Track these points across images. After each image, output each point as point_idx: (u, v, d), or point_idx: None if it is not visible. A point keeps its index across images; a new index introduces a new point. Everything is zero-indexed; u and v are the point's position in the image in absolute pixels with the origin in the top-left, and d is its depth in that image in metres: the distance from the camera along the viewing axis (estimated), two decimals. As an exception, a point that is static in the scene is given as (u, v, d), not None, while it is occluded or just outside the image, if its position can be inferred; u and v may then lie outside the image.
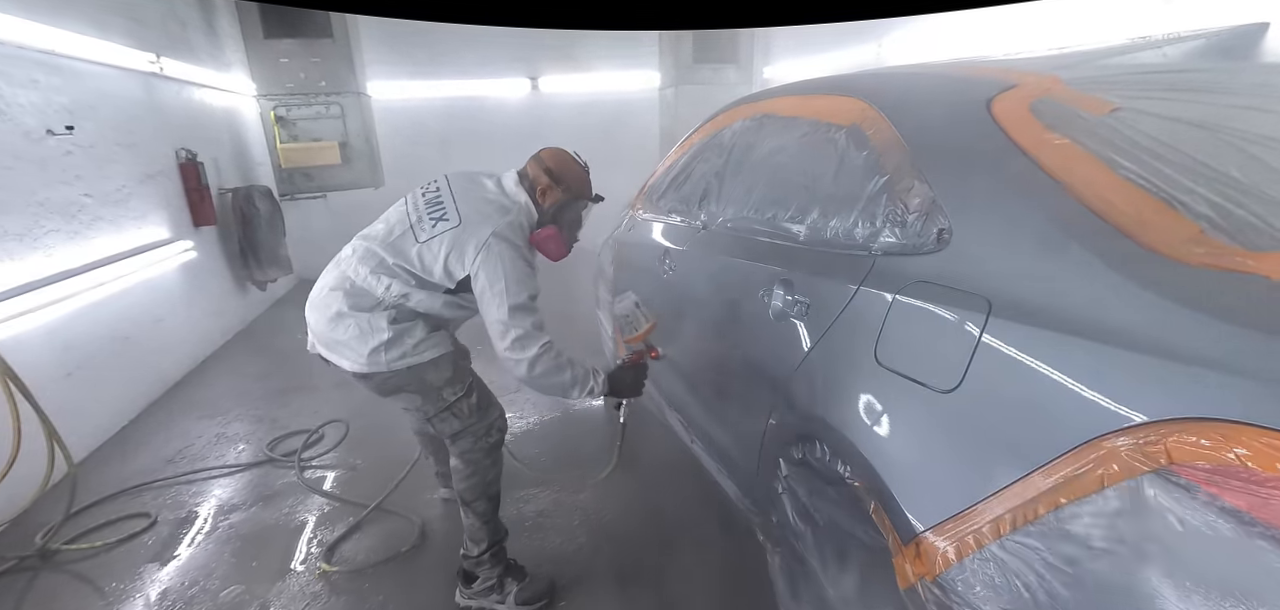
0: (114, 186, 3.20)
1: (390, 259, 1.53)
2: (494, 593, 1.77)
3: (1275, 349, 0.66)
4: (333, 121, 5.39)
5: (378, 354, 1.50)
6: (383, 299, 1.52)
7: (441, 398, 1.59)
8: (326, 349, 1.58)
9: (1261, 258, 0.73)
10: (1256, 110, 1.09)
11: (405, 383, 1.56)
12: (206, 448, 2.84)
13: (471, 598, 1.78)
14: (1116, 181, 0.90)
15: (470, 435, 1.65)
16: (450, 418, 1.62)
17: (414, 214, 1.56)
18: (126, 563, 2.08)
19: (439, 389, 1.58)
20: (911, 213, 1.15)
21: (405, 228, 1.55)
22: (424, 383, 1.57)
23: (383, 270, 1.53)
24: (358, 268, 1.55)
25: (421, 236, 1.52)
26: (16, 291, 2.39)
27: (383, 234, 1.57)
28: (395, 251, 1.53)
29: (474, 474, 1.66)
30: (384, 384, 1.56)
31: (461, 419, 1.62)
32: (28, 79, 2.68)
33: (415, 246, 1.52)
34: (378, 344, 1.49)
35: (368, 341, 1.49)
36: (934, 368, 0.98)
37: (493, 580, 1.76)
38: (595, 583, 1.88)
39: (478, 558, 1.74)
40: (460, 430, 1.63)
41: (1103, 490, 0.72)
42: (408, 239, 1.53)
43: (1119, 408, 0.73)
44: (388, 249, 1.53)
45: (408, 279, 1.53)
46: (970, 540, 0.86)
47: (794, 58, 5.99)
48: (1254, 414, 0.62)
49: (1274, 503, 0.59)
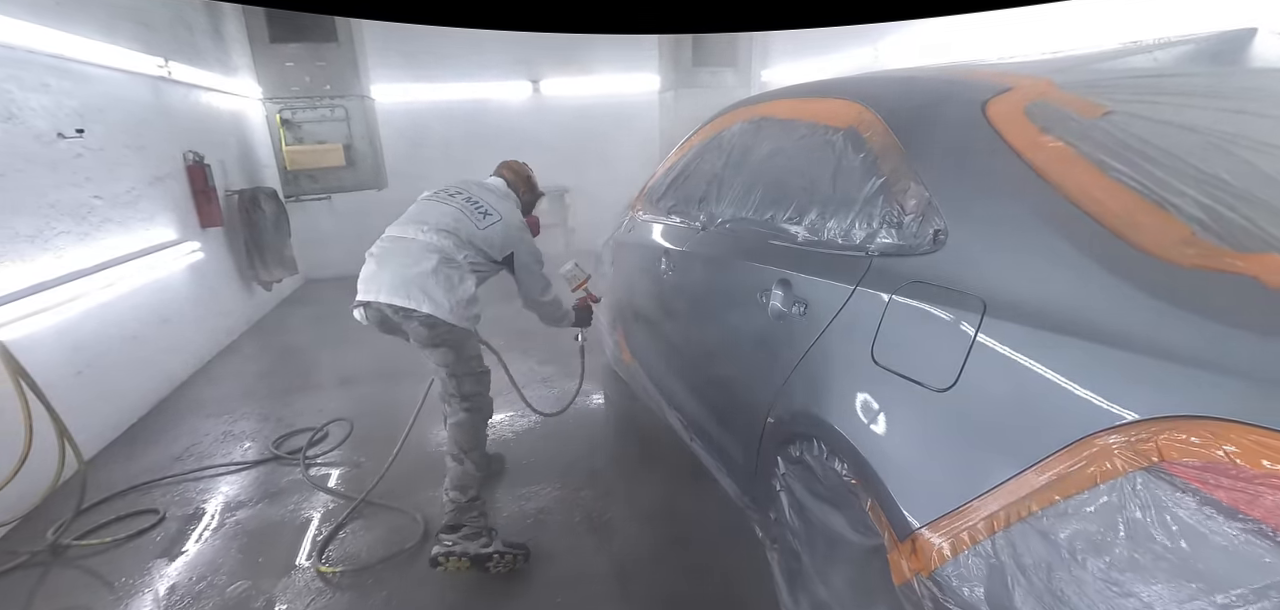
0: (123, 188, 3.21)
1: (465, 239, 1.99)
2: (481, 537, 1.88)
3: (1264, 349, 0.66)
4: (337, 124, 5.39)
5: (460, 305, 1.88)
6: (463, 264, 1.95)
7: (471, 360, 1.97)
8: (405, 296, 1.84)
9: (1251, 259, 0.73)
10: (1245, 114, 1.09)
11: (454, 340, 1.90)
12: (213, 445, 2.84)
13: (455, 542, 1.85)
14: (1109, 183, 0.90)
15: (479, 397, 1.98)
16: (471, 378, 1.96)
17: (466, 211, 2.04)
18: (135, 558, 2.08)
19: (472, 355, 1.97)
20: (908, 214, 1.15)
21: (460, 220, 2.01)
22: (464, 345, 1.94)
23: (460, 246, 1.98)
24: (442, 240, 1.94)
25: (480, 227, 2.03)
26: (28, 291, 2.39)
27: (446, 223, 1.98)
28: (466, 234, 2.00)
29: (474, 427, 1.96)
30: (443, 334, 1.88)
31: (476, 381, 1.98)
32: (39, 83, 2.68)
33: (478, 233, 2.02)
34: (464, 297, 1.89)
35: (456, 293, 1.87)
36: (930, 367, 0.98)
37: (480, 526, 1.89)
38: (596, 578, 1.88)
39: (468, 503, 1.90)
40: (474, 391, 1.96)
41: (1095, 487, 0.72)
42: (468, 227, 2.01)
43: (1111, 406, 0.73)
44: (457, 235, 1.98)
45: (476, 254, 2.02)
46: (965, 536, 0.86)
47: (792, 61, 5.99)
48: (1243, 412, 0.63)
49: (1262, 499, 0.60)
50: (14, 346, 2.08)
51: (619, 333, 2.79)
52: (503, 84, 6.25)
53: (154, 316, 3.37)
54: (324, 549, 2.05)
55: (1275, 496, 0.59)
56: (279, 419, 3.07)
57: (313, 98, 5.29)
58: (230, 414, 3.16)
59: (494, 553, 1.85)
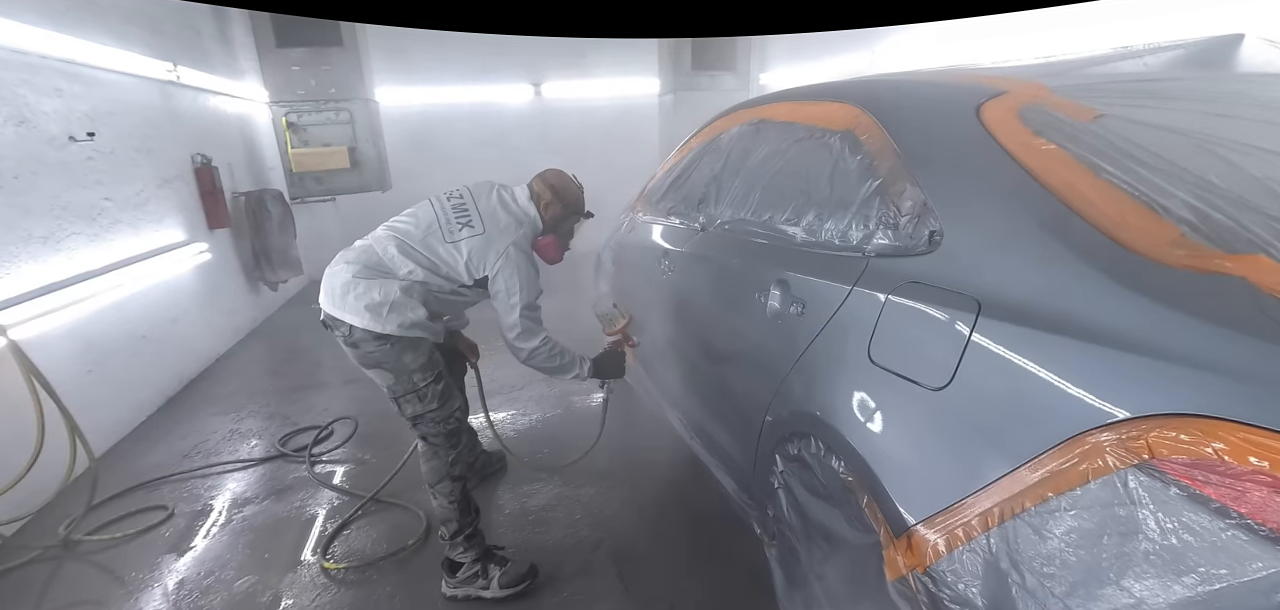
0: (133, 191, 3.21)
1: (419, 249, 1.68)
2: (478, 579, 1.79)
3: (1252, 348, 0.66)
4: (342, 127, 5.38)
5: (380, 311, 1.59)
6: (402, 278, 1.65)
7: (411, 380, 1.66)
8: (334, 305, 1.63)
9: (1239, 260, 0.74)
10: (1233, 118, 1.09)
11: (385, 358, 1.63)
12: (221, 443, 2.84)
13: (456, 587, 1.79)
14: (1100, 185, 0.91)
15: (430, 420, 1.71)
16: (414, 400, 1.68)
17: (442, 217, 1.72)
18: (145, 553, 2.08)
19: (411, 371, 1.65)
20: (903, 215, 1.15)
21: (433, 227, 1.70)
22: (400, 363, 1.64)
23: (409, 255, 1.67)
24: (387, 246, 1.67)
25: (448, 238, 1.69)
26: (40, 292, 2.40)
27: (412, 228, 1.71)
28: (424, 245, 1.68)
29: (433, 457, 1.74)
30: (371, 352, 1.62)
31: (423, 403, 1.69)
32: (51, 88, 2.69)
33: (443, 245, 1.69)
34: (386, 301, 1.59)
35: (376, 297, 1.59)
36: (925, 366, 0.99)
37: (475, 568, 1.79)
38: (597, 574, 1.89)
39: (452, 541, 1.78)
40: (421, 414, 1.70)
41: (1087, 483, 0.72)
42: (435, 236, 1.69)
43: (1102, 404, 0.73)
44: (417, 242, 1.68)
45: (429, 269, 1.68)
46: (959, 533, 0.86)
47: (789, 65, 5.99)
48: (1231, 410, 0.63)
49: (1249, 495, 0.60)
50: (27, 345, 2.09)
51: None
52: (505, 87, 6.25)
53: (163, 316, 3.37)
54: (328, 546, 2.05)
55: (1262, 492, 0.59)
56: (285, 417, 3.07)
57: (318, 101, 5.29)
58: (237, 412, 3.17)
59: (493, 599, 1.76)
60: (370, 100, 5.51)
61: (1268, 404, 0.62)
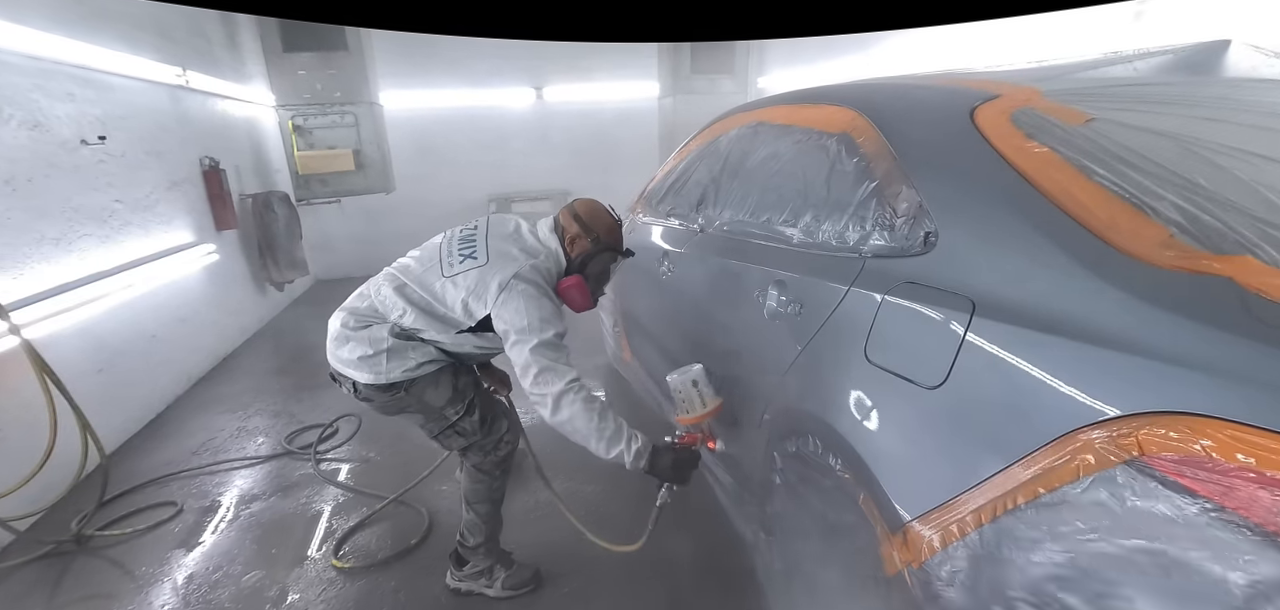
0: (143, 193, 3.22)
1: (415, 288, 1.48)
2: (483, 578, 1.78)
3: (1238, 347, 0.66)
4: (347, 130, 5.39)
5: (379, 361, 1.42)
6: (394, 323, 1.46)
7: (444, 416, 1.53)
8: (335, 359, 1.52)
9: (1226, 260, 0.74)
10: (1220, 122, 1.09)
11: (407, 403, 1.50)
12: (228, 441, 2.85)
13: (461, 580, 1.79)
14: (1092, 188, 0.91)
15: (479, 451, 1.60)
16: (454, 436, 1.57)
17: (446, 250, 1.51)
18: (155, 549, 2.09)
19: (440, 409, 1.52)
20: (899, 217, 1.15)
21: (435, 261, 1.50)
22: (424, 403, 1.50)
23: (403, 294, 1.47)
24: (382, 287, 1.50)
25: (447, 271, 1.46)
26: (53, 292, 2.41)
27: (413, 264, 1.53)
28: (421, 282, 1.48)
29: (482, 483, 1.64)
30: (388, 402, 1.49)
31: (466, 436, 1.57)
32: (64, 93, 2.70)
33: (439, 280, 1.46)
34: (380, 351, 1.42)
35: (366, 350, 1.43)
36: (921, 365, 0.99)
37: (483, 567, 1.78)
38: (598, 568, 1.89)
39: (473, 547, 1.76)
40: (468, 446, 1.60)
41: (1078, 480, 0.72)
42: (434, 272, 1.47)
43: (1094, 402, 0.73)
44: (414, 279, 1.49)
45: (424, 309, 1.46)
46: (954, 529, 0.86)
47: (787, 68, 5.99)
48: (1219, 408, 0.63)
49: (1237, 491, 0.60)
50: (40, 344, 2.09)
51: (620, 332, 2.80)
52: (507, 90, 6.25)
53: (172, 316, 3.38)
54: (340, 545, 2.05)
55: (1249, 489, 0.59)
56: (291, 415, 3.08)
57: (324, 104, 5.31)
58: (244, 410, 3.17)
59: (496, 598, 1.76)
60: (375, 104, 5.51)
61: (1254, 402, 0.62)
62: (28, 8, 2.52)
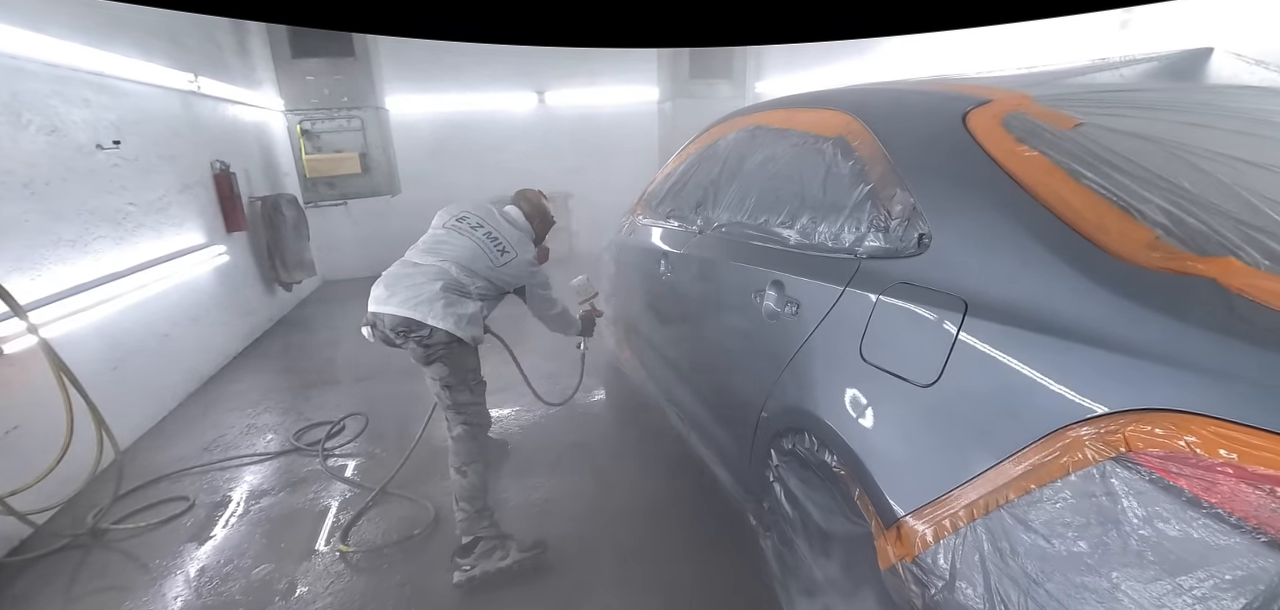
0: (156, 196, 3.22)
1: (482, 274, 1.97)
2: (496, 552, 1.85)
3: (1222, 346, 0.67)
4: (354, 134, 5.40)
5: (463, 322, 1.84)
6: (474, 298, 1.94)
7: (467, 376, 1.91)
8: (418, 310, 1.81)
9: (1210, 262, 0.74)
10: (1203, 127, 1.10)
11: (451, 356, 1.86)
12: (238, 437, 2.85)
13: (474, 565, 1.82)
14: (1080, 191, 0.91)
15: (474, 409, 1.94)
16: (465, 390, 1.91)
17: (485, 247, 2.01)
18: (168, 542, 2.09)
19: (470, 370, 1.92)
20: (894, 219, 1.16)
21: (478, 256, 1.98)
22: (463, 362, 1.89)
23: (472, 277, 1.95)
24: (456, 272, 1.92)
25: (497, 264, 2.01)
26: (69, 292, 2.42)
27: (463, 257, 1.95)
28: (483, 275, 1.97)
29: (472, 439, 1.90)
30: (437, 349, 1.84)
31: (473, 393, 1.93)
32: (80, 99, 2.70)
33: (494, 271, 2.00)
34: (467, 315, 1.86)
35: (455, 310, 1.84)
36: (915, 363, 0.99)
37: (493, 541, 1.86)
38: (599, 563, 1.89)
39: (477, 513, 1.87)
40: (469, 402, 1.92)
41: (1067, 476, 0.73)
42: (484, 263, 1.98)
43: (1082, 400, 0.74)
44: (479, 270, 1.96)
45: (487, 286, 1.99)
46: (947, 523, 0.87)
47: (784, 73, 5.99)
48: (1202, 405, 0.64)
49: (1219, 486, 0.61)
50: (56, 343, 2.10)
51: (620, 331, 2.80)
52: (510, 95, 6.25)
53: (184, 315, 3.38)
54: (347, 532, 2.06)
55: (1232, 484, 0.60)
56: (299, 413, 3.08)
57: (331, 109, 5.32)
58: (254, 408, 3.18)
59: (512, 565, 1.83)
60: (381, 108, 5.52)
61: (1237, 399, 0.62)
62: (45, 17, 2.52)
